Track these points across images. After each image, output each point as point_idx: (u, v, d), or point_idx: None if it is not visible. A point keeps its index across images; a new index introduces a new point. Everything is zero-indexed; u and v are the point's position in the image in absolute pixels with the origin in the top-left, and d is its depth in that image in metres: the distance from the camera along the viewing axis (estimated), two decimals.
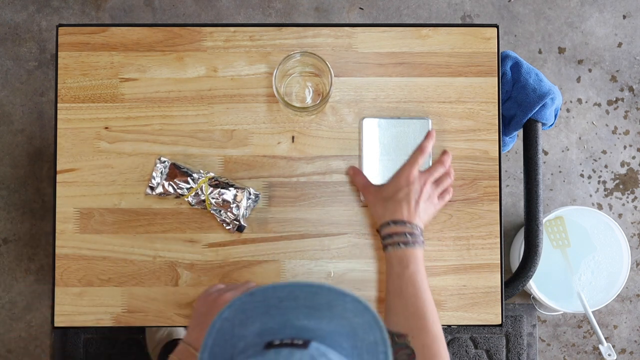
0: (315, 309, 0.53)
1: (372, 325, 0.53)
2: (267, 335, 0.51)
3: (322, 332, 0.51)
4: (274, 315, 0.53)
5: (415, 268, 0.78)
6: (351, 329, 0.52)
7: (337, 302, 0.53)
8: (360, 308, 0.53)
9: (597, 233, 1.49)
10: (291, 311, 0.53)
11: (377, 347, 0.52)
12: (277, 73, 0.83)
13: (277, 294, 0.54)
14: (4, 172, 1.59)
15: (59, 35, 0.90)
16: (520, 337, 1.55)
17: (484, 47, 0.91)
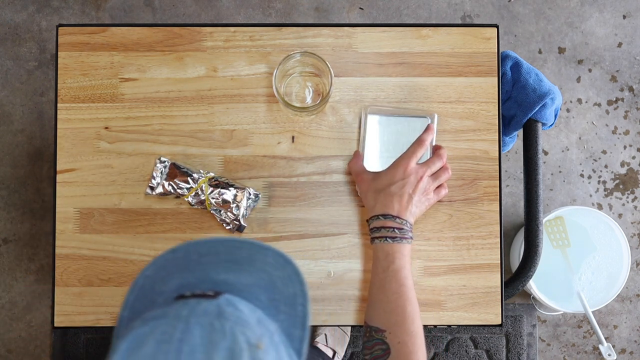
0: (236, 263, 0.54)
1: (293, 279, 0.54)
2: (185, 289, 0.52)
3: (240, 285, 0.52)
4: (193, 271, 0.53)
5: (400, 264, 0.78)
6: (270, 282, 0.53)
7: (258, 256, 0.54)
8: (281, 262, 0.54)
9: (597, 233, 1.49)
10: (211, 266, 0.53)
11: (296, 299, 0.53)
12: (277, 73, 0.83)
13: (198, 249, 0.54)
14: (4, 172, 1.59)
15: (59, 35, 0.90)
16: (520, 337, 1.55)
17: (484, 47, 0.91)
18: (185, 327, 0.46)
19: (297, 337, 0.52)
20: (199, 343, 0.45)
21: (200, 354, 0.44)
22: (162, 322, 0.47)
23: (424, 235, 0.90)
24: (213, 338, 0.45)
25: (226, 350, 0.44)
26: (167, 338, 0.45)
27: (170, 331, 0.45)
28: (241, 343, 0.45)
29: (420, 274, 0.89)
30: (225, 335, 0.45)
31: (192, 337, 0.45)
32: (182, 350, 0.44)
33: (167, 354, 0.44)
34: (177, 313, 0.47)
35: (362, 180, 0.84)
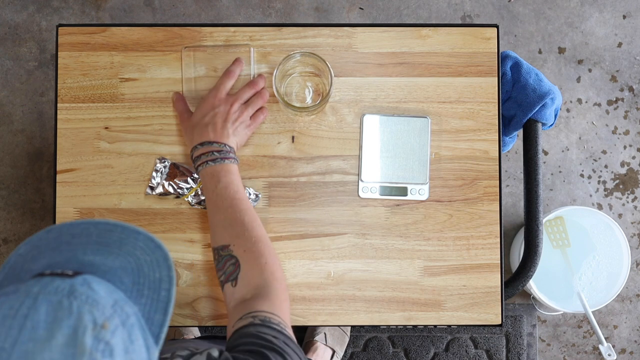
0: (105, 245, 0.54)
1: (160, 263, 0.54)
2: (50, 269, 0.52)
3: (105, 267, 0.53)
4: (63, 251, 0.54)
5: (227, 180, 0.79)
6: (137, 266, 0.54)
7: (129, 240, 0.55)
8: (151, 246, 0.55)
9: (597, 233, 1.49)
10: (80, 247, 0.54)
11: (161, 284, 0.53)
12: (277, 73, 0.83)
13: (72, 230, 0.55)
14: (4, 172, 1.59)
15: (59, 35, 0.90)
16: (520, 337, 1.55)
17: (484, 47, 0.91)
18: (32, 303, 0.46)
19: (158, 322, 0.52)
20: (43, 320, 0.45)
21: (42, 330, 0.44)
22: (11, 297, 0.47)
23: (424, 235, 0.90)
24: (58, 315, 0.45)
25: (69, 328, 0.45)
26: (12, 313, 0.45)
27: (17, 306, 0.46)
28: (86, 322, 0.46)
29: (420, 274, 0.89)
30: (71, 314, 0.46)
31: (37, 313, 0.45)
32: (25, 325, 0.45)
33: (10, 329, 0.44)
34: (27, 289, 0.47)
35: (182, 119, 0.86)
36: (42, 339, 0.44)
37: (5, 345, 0.44)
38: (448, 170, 0.90)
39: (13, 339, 0.44)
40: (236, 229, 0.77)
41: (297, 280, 0.89)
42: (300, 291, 0.89)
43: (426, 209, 0.90)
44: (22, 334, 0.44)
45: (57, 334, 0.44)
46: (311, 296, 0.89)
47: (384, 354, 1.51)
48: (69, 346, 0.44)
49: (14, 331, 0.44)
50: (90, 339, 0.45)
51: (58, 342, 0.44)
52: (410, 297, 0.89)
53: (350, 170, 0.90)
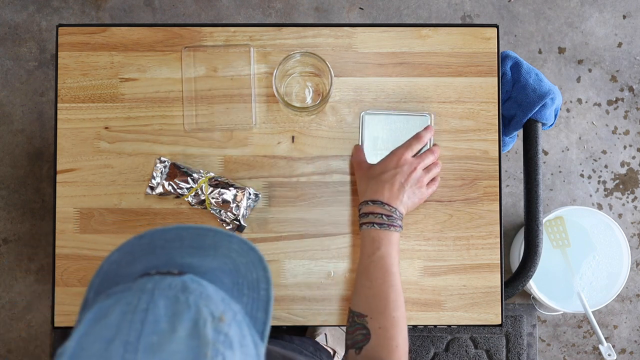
0: (200, 249, 0.55)
1: (256, 265, 0.55)
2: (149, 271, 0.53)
3: (205, 268, 0.54)
4: (159, 255, 0.55)
5: (386, 251, 0.78)
6: (234, 267, 0.55)
7: (223, 243, 0.55)
8: (245, 248, 0.55)
9: (597, 233, 1.49)
10: (176, 251, 0.55)
11: (259, 284, 0.54)
12: (277, 73, 0.83)
13: (164, 235, 0.55)
14: (4, 172, 1.59)
15: (59, 35, 0.90)
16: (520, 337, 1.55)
17: (484, 47, 0.91)
18: (149, 298, 0.47)
19: (260, 320, 0.53)
20: (163, 313, 0.46)
21: (164, 323, 0.45)
22: (126, 294, 0.48)
23: (424, 235, 0.90)
24: (177, 309, 0.46)
25: (190, 321, 0.45)
26: (131, 309, 0.46)
27: (135, 302, 0.46)
28: (205, 315, 0.46)
29: (420, 274, 0.89)
30: (189, 307, 0.46)
31: (157, 307, 0.46)
32: (147, 319, 0.45)
33: (132, 323, 0.45)
34: (141, 287, 0.48)
35: (359, 168, 0.86)
36: (166, 331, 0.45)
37: (130, 338, 0.44)
38: (448, 170, 0.90)
39: (137, 333, 0.44)
40: (379, 303, 0.75)
41: (297, 280, 0.89)
42: (300, 291, 0.89)
43: (426, 209, 0.90)
44: (145, 327, 0.45)
45: (179, 327, 0.45)
46: (311, 296, 0.89)
47: None
48: (192, 338, 0.45)
49: (137, 325, 0.45)
50: (211, 331, 0.45)
51: (181, 334, 0.45)
52: (410, 297, 0.89)
53: (350, 170, 0.90)
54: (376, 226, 0.79)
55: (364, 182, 0.83)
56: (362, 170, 0.85)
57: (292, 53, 0.83)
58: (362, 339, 0.75)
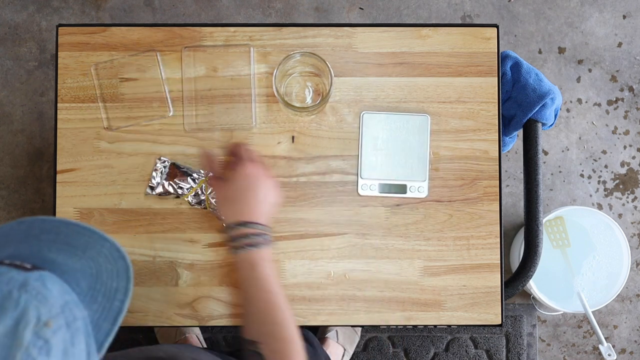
0: (71, 246, 0.55)
1: (121, 274, 0.55)
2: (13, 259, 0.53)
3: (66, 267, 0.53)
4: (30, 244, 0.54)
5: (263, 271, 0.75)
6: (97, 272, 0.54)
7: (95, 245, 0.55)
8: (115, 256, 0.55)
9: (597, 233, 1.49)
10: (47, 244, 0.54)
11: (116, 294, 0.54)
12: (277, 73, 0.83)
13: (43, 225, 0.55)
14: (4, 172, 1.59)
15: (59, 35, 0.90)
16: (520, 337, 1.55)
17: (484, 47, 0.91)
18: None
19: (105, 330, 0.53)
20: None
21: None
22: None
23: (424, 235, 0.90)
24: (4, 305, 0.46)
25: (12, 320, 0.45)
26: None
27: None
28: (30, 317, 0.46)
29: (420, 274, 0.89)
30: (17, 306, 0.46)
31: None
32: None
33: None
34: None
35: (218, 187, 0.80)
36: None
37: None
38: (448, 170, 0.90)
39: None
40: (268, 328, 0.74)
41: (297, 280, 0.89)
42: (300, 291, 0.89)
43: (426, 209, 0.90)
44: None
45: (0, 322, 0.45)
46: (311, 296, 0.89)
47: (384, 354, 1.51)
48: (7, 337, 0.45)
49: None
50: (30, 334, 0.46)
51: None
52: (410, 297, 0.89)
53: (350, 170, 0.90)
54: (249, 248, 0.75)
55: (224, 204, 0.78)
56: (220, 190, 0.79)
57: (292, 53, 0.83)
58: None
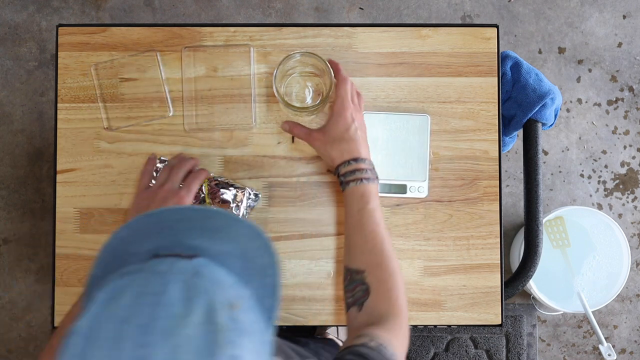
0: (209, 231, 0.54)
1: (264, 250, 0.54)
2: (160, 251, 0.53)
3: (214, 251, 0.53)
4: (167, 235, 0.54)
5: (374, 204, 0.78)
6: (243, 252, 0.54)
7: (232, 227, 0.55)
8: (253, 233, 0.55)
9: (597, 233, 1.49)
10: (185, 232, 0.54)
11: (266, 270, 0.54)
12: (277, 73, 0.83)
13: (173, 216, 0.55)
14: (4, 172, 1.59)
15: (59, 35, 0.90)
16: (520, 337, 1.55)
17: (484, 47, 0.91)
18: (163, 281, 0.46)
19: (268, 306, 0.53)
20: (177, 297, 0.45)
21: (178, 307, 0.44)
22: (140, 275, 0.47)
23: (424, 235, 0.90)
24: (191, 294, 0.45)
25: (204, 307, 0.45)
26: (145, 291, 0.45)
27: (148, 285, 0.46)
28: (218, 301, 0.46)
29: (420, 274, 0.89)
30: (202, 293, 0.46)
31: (170, 291, 0.45)
32: (160, 302, 0.44)
33: (145, 307, 0.44)
34: (154, 269, 0.47)
35: (314, 139, 0.83)
36: (180, 316, 0.44)
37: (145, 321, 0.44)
38: (448, 170, 0.90)
39: (151, 316, 0.44)
40: (375, 258, 0.76)
41: (297, 280, 0.89)
42: (300, 291, 0.89)
43: (426, 209, 0.90)
44: (159, 311, 0.44)
45: (192, 312, 0.44)
46: (311, 296, 0.89)
47: None
48: (205, 324, 0.44)
49: (151, 308, 0.44)
50: (225, 318, 0.45)
51: (194, 319, 0.44)
52: (410, 297, 0.89)
53: None
54: (364, 181, 0.78)
55: (331, 146, 0.81)
56: (319, 139, 0.82)
57: (292, 53, 0.83)
58: (362, 295, 0.74)
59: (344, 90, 0.81)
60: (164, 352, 0.42)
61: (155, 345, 0.42)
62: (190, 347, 0.43)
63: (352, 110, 0.81)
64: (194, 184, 0.83)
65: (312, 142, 0.83)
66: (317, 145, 0.83)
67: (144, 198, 0.82)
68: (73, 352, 0.43)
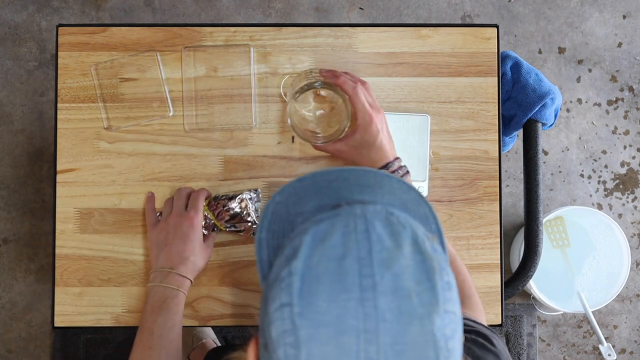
0: (367, 186, 0.56)
1: (420, 201, 0.57)
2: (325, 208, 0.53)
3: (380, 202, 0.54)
4: (327, 194, 0.55)
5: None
6: (402, 203, 0.56)
7: (385, 182, 0.56)
8: (405, 187, 0.57)
9: (597, 233, 1.49)
10: (343, 190, 0.55)
11: (428, 219, 0.56)
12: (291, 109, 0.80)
13: (326, 177, 0.56)
14: (4, 172, 1.59)
15: (59, 35, 0.90)
16: (520, 337, 1.55)
17: (484, 47, 0.91)
18: (364, 220, 0.47)
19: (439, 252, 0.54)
20: (384, 232, 0.46)
21: (388, 241, 0.46)
22: (338, 219, 0.48)
23: None
24: (394, 229, 0.47)
25: (410, 239, 0.47)
26: (351, 230, 0.46)
27: (352, 224, 0.47)
28: (420, 233, 0.48)
29: None
30: (404, 227, 0.48)
31: (375, 228, 0.47)
32: (371, 238, 0.46)
33: (358, 242, 0.45)
34: (349, 212, 0.48)
35: (342, 152, 0.81)
36: (392, 248, 0.46)
37: (362, 254, 0.45)
38: (448, 170, 0.90)
39: (367, 249, 0.45)
40: None
41: None
42: None
43: None
44: (372, 245, 0.45)
45: (403, 244, 0.46)
46: None
47: None
48: (416, 253, 0.46)
49: (364, 243, 0.45)
50: (430, 248, 0.47)
51: (406, 250, 0.46)
52: None
53: None
54: (409, 175, 0.81)
55: (358, 155, 0.80)
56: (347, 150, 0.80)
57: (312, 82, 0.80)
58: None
59: (360, 103, 0.79)
60: (388, 280, 0.44)
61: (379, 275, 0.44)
62: (410, 275, 0.45)
63: (375, 120, 0.79)
64: (198, 201, 0.84)
65: (341, 156, 0.83)
66: (345, 157, 0.82)
67: (158, 231, 0.84)
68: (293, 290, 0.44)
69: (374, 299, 0.43)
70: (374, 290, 0.43)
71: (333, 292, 0.43)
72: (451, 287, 0.46)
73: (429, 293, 0.44)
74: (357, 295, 0.43)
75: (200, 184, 0.89)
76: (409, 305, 0.43)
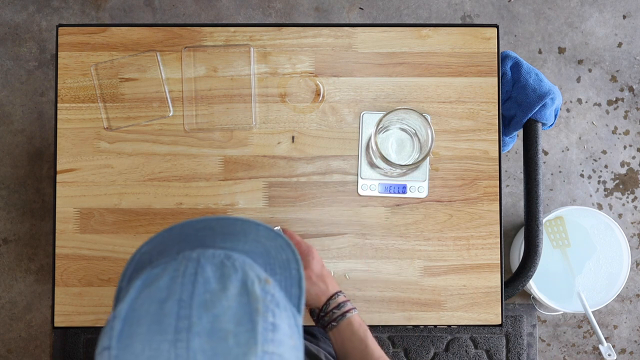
0: (231, 234, 0.57)
1: (284, 247, 0.57)
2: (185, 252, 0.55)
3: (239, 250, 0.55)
4: (191, 242, 0.56)
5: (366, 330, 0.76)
6: (265, 250, 0.57)
7: (251, 230, 0.58)
8: (272, 235, 0.58)
9: (597, 233, 1.49)
10: (208, 238, 0.56)
11: (290, 264, 0.57)
12: (374, 136, 0.80)
13: (194, 226, 0.58)
14: (4, 172, 1.59)
15: (59, 35, 0.90)
16: (520, 337, 1.55)
17: (484, 47, 0.91)
18: (196, 264, 0.48)
19: (295, 295, 0.55)
20: (212, 276, 0.47)
21: (214, 283, 0.47)
22: (172, 263, 0.49)
23: (424, 236, 0.90)
24: (225, 272, 0.48)
25: (239, 281, 0.47)
26: (180, 274, 0.48)
27: (183, 268, 0.48)
28: (252, 276, 0.48)
29: (420, 274, 0.89)
30: (236, 270, 0.48)
31: (205, 271, 0.48)
32: (197, 281, 0.47)
33: (183, 285, 0.47)
34: (186, 256, 0.50)
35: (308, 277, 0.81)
36: (217, 290, 0.46)
37: (184, 297, 0.46)
38: (448, 170, 0.90)
39: (189, 292, 0.46)
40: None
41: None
42: None
43: (426, 209, 0.90)
44: (196, 287, 0.46)
45: (229, 286, 0.47)
46: None
47: None
48: (242, 295, 0.47)
49: (188, 286, 0.46)
50: (259, 290, 0.48)
51: (231, 292, 0.47)
52: (410, 297, 0.89)
53: (350, 170, 0.90)
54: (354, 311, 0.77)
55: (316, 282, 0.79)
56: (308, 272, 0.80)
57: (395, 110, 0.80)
58: None
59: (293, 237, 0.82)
60: (206, 322, 0.44)
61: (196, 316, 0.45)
62: (231, 317, 0.45)
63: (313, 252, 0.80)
64: None
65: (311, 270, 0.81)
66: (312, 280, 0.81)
67: None
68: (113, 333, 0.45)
69: (187, 340, 0.44)
70: (189, 331, 0.44)
71: (149, 333, 0.44)
72: (277, 328, 0.46)
73: (247, 334, 0.45)
74: (171, 337, 0.44)
75: (200, 184, 0.89)
76: (224, 346, 0.44)
